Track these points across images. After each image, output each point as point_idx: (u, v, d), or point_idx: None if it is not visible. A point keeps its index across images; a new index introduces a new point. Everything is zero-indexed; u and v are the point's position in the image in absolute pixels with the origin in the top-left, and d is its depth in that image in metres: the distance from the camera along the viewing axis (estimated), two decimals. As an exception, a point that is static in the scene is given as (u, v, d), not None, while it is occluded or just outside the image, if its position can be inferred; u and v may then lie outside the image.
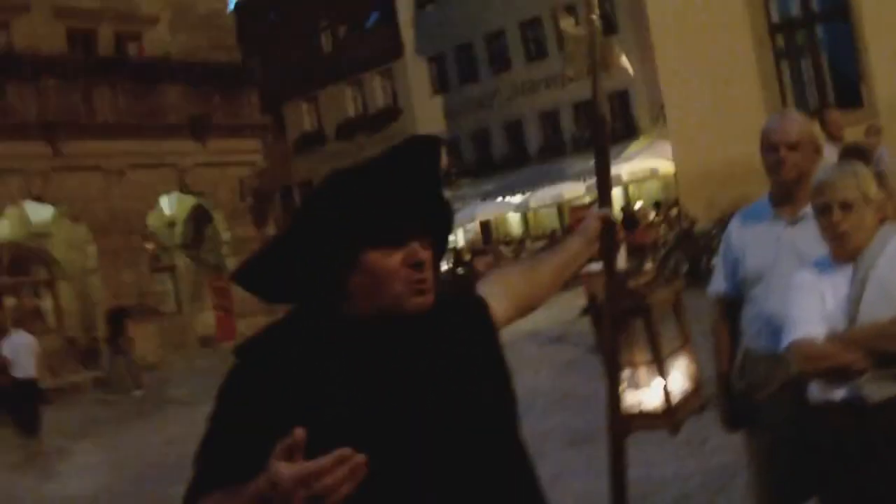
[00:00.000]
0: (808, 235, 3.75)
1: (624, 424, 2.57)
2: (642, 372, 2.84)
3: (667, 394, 2.79)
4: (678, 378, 2.89)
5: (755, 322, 3.97)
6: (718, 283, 4.21)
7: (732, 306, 4.14)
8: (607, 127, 2.77)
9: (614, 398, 2.55)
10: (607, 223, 2.60)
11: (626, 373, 2.87)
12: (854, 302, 3.25)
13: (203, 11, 31.96)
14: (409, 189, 2.04)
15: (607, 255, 2.61)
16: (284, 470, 1.66)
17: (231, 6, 33.86)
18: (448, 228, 2.21)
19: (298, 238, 2.02)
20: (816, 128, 4.04)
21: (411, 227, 2.02)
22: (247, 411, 1.94)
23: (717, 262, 4.31)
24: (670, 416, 2.78)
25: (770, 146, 3.90)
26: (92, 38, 29.88)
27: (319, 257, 1.99)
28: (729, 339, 4.17)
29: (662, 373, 2.82)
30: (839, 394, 3.23)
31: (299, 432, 1.66)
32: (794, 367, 3.38)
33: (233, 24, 33.59)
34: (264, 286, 2.11)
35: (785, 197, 3.94)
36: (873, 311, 3.20)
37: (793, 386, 3.67)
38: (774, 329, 3.74)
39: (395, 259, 1.99)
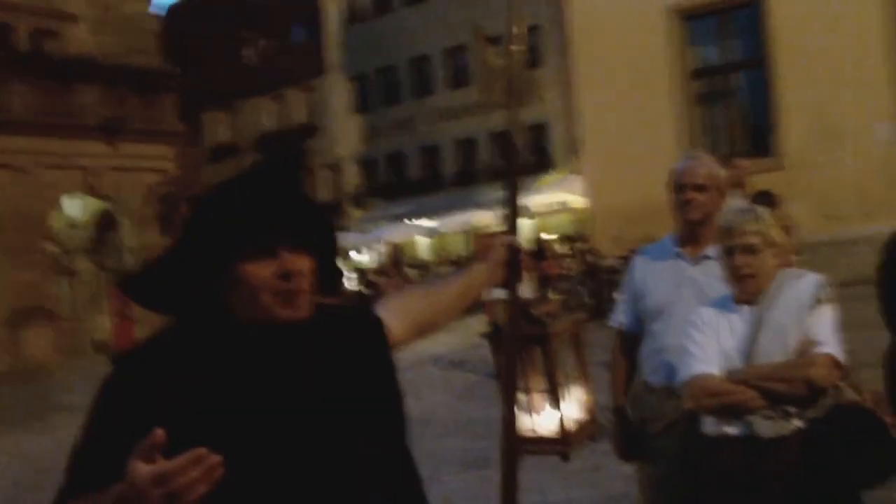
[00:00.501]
0: (709, 274, 3.87)
1: (517, 447, 2.56)
2: (538, 398, 2.87)
3: (561, 421, 2.80)
4: (573, 407, 2.90)
5: (653, 356, 4.05)
6: (619, 316, 4.27)
7: (631, 340, 4.21)
8: (519, 157, 2.82)
9: (509, 420, 2.56)
10: (513, 250, 2.61)
11: (522, 398, 2.88)
12: (750, 342, 3.36)
13: (126, 12, 31.47)
14: (273, 202, 2.05)
15: (511, 280, 2.61)
16: (141, 469, 1.67)
17: (164, 11, 33.37)
18: (330, 240, 2.21)
19: (180, 251, 2.06)
20: (723, 171, 4.10)
21: (282, 239, 2.04)
22: (116, 418, 1.93)
23: (620, 295, 4.38)
24: (563, 443, 2.80)
25: (679, 186, 4.00)
26: (9, 33, 29.20)
27: (197, 270, 2.02)
28: (626, 372, 4.23)
29: (557, 401, 2.84)
30: (732, 429, 3.33)
31: (159, 432, 1.67)
32: (690, 401, 3.44)
33: (155, 27, 33.13)
34: (151, 297, 2.12)
35: (690, 236, 4.04)
36: (768, 352, 3.32)
37: (685, 420, 3.73)
38: (672, 363, 3.83)
39: (266, 270, 2.01)
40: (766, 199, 7.29)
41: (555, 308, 3.10)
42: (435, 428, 10.17)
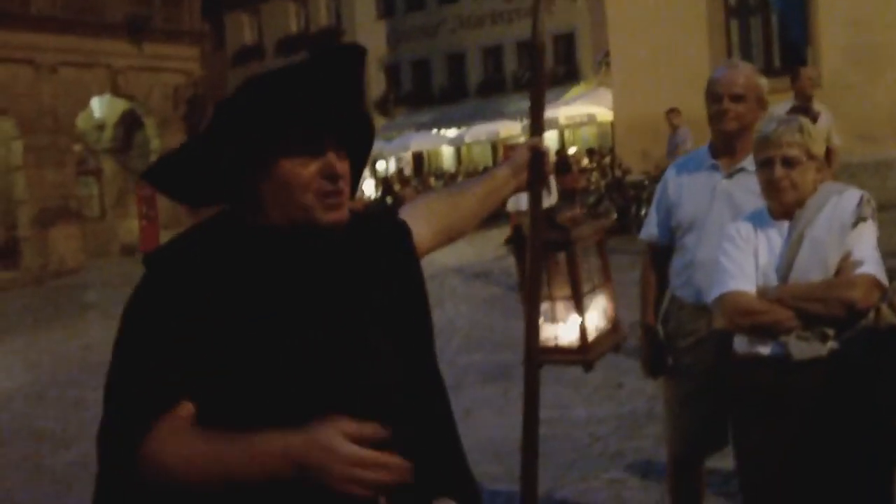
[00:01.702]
0: (744, 188, 3.80)
1: (538, 356, 2.52)
2: (560, 306, 2.81)
3: (583, 330, 2.77)
4: (595, 316, 2.86)
5: (684, 271, 4.00)
6: (650, 229, 4.21)
7: (662, 253, 4.15)
8: (543, 56, 2.69)
9: (532, 327, 2.52)
10: (537, 152, 2.54)
11: (544, 306, 2.84)
12: (787, 260, 3.26)
13: None
14: (329, 97, 1.95)
15: (535, 184, 2.55)
16: (344, 445, 1.69)
17: None
18: (368, 145, 2.14)
19: (211, 140, 1.94)
20: (763, 81, 3.99)
21: (329, 138, 1.94)
22: (165, 331, 1.84)
23: (651, 207, 4.30)
24: (585, 353, 2.76)
25: (714, 96, 3.89)
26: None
27: (230, 161, 1.92)
28: (656, 286, 4.19)
29: (580, 309, 2.78)
30: (765, 349, 3.26)
31: (380, 430, 1.71)
32: (723, 319, 3.38)
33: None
34: (175, 186, 2.04)
35: (725, 148, 3.94)
36: (806, 270, 3.23)
37: (715, 337, 3.69)
38: (702, 279, 3.79)
39: (309, 169, 1.92)
40: (804, 113, 7.16)
41: (579, 214, 3.02)
42: (457, 339, 10.24)
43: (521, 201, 2.60)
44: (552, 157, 16.32)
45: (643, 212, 15.73)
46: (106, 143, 31.30)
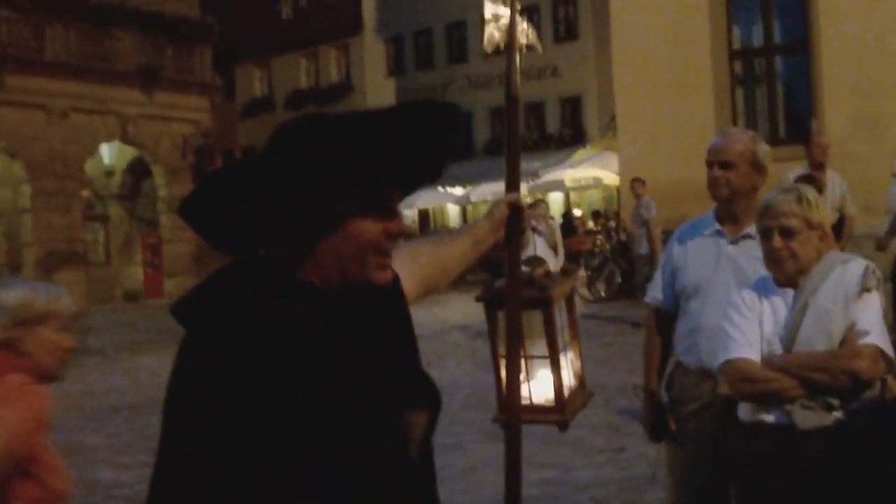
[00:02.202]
0: (749, 254, 3.79)
1: (518, 415, 2.52)
2: (535, 365, 2.77)
3: (559, 389, 2.75)
4: (567, 374, 2.84)
5: (688, 336, 3.99)
6: (655, 293, 4.20)
7: (667, 318, 4.14)
8: (518, 107, 2.69)
9: (514, 387, 2.51)
10: (515, 208, 2.52)
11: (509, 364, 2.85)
12: (792, 328, 3.26)
13: (166, -40, 31.49)
14: (422, 158, 1.89)
15: (511, 239, 2.53)
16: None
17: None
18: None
19: (270, 181, 1.75)
20: (762, 147, 3.95)
21: (398, 196, 1.88)
22: (253, 408, 1.67)
23: (657, 271, 4.30)
24: (561, 412, 2.74)
25: (708, 163, 3.92)
26: (49, -25, 29.24)
27: (294, 210, 1.76)
28: (660, 351, 4.19)
29: (556, 367, 2.75)
30: (769, 417, 3.27)
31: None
32: (728, 387, 3.39)
33: (194, -23, 33.09)
34: (212, 227, 1.86)
35: (728, 214, 3.95)
36: (810, 339, 3.23)
37: (719, 403, 3.71)
38: (707, 344, 3.78)
39: (379, 228, 1.83)
40: (810, 181, 7.22)
41: (551, 271, 3.04)
42: (460, 397, 10.22)
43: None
44: (559, 219, 16.38)
45: (647, 276, 15.81)
46: (114, 190, 31.46)
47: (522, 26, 2.78)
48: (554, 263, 14.38)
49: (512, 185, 2.59)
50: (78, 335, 13.81)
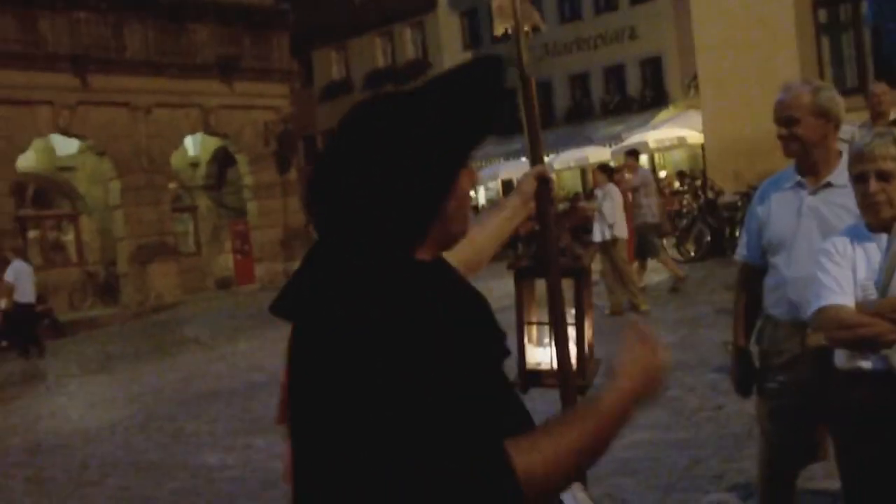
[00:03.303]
0: (831, 203, 3.79)
1: (576, 378, 2.61)
2: (548, 331, 2.81)
3: (581, 353, 2.82)
4: (587, 340, 2.89)
5: (776, 289, 3.98)
6: (742, 249, 4.23)
7: (755, 273, 4.14)
8: (532, 86, 2.75)
9: (564, 356, 2.58)
10: (542, 180, 2.60)
11: (535, 331, 2.89)
12: (887, 272, 3.18)
13: (237, -48, 31.80)
14: (495, 102, 1.91)
15: (543, 212, 2.60)
16: (658, 355, 1.84)
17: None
18: None
19: (387, 163, 1.74)
20: (825, 94, 3.88)
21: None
22: (444, 352, 1.67)
23: (743, 228, 4.32)
24: (583, 377, 2.79)
25: (776, 122, 3.93)
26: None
27: (417, 181, 1.75)
28: (747, 306, 4.19)
29: (581, 333, 2.83)
30: (866, 363, 3.21)
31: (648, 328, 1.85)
32: (823, 334, 3.34)
33: (267, -34, 33.36)
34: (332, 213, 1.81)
35: (807, 166, 3.91)
36: None
37: (810, 353, 3.71)
38: (794, 296, 3.78)
39: (468, 178, 1.86)
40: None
41: (570, 241, 3.10)
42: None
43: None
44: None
45: (737, 233, 15.54)
46: (200, 181, 32.02)
47: (526, 7, 2.88)
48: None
49: (535, 159, 2.71)
50: (174, 325, 14.28)
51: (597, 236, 13.48)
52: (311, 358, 1.72)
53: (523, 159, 37.44)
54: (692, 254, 18.56)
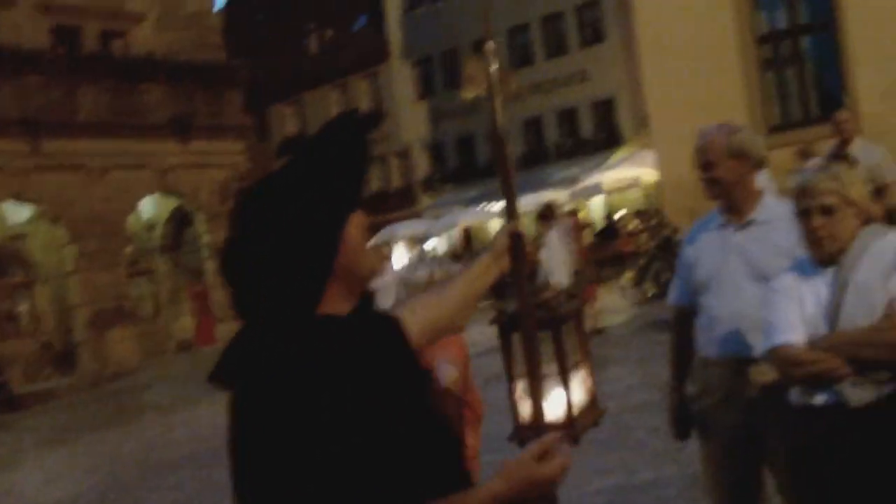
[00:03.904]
0: (755, 239, 3.89)
1: (532, 434, 2.59)
2: (548, 383, 2.89)
3: (569, 406, 2.89)
4: (578, 391, 2.98)
5: (707, 329, 4.03)
6: (673, 294, 4.30)
7: (687, 316, 4.18)
8: (507, 147, 2.81)
9: (537, 403, 2.59)
10: (515, 236, 2.63)
11: (527, 385, 2.95)
12: (834, 307, 3.26)
13: (189, 10, 31.86)
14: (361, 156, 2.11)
15: (516, 268, 2.63)
16: (542, 469, 1.90)
17: (220, 5, 33.74)
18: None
19: (274, 232, 1.95)
20: (740, 135, 4.00)
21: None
22: (330, 419, 1.81)
23: (675, 273, 4.37)
24: (572, 428, 2.88)
25: (696, 167, 4.03)
26: (77, 35, 29.68)
27: (304, 239, 1.94)
28: (680, 349, 4.23)
29: (566, 384, 2.90)
30: (820, 398, 3.24)
31: (555, 436, 1.92)
32: (776, 372, 3.40)
33: (219, 23, 33.48)
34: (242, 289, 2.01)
35: (730, 206, 4.00)
36: (854, 316, 3.21)
37: (743, 391, 3.79)
38: (724, 333, 3.88)
39: (361, 221, 2.05)
40: (840, 159, 7.09)
41: (559, 293, 3.18)
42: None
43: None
44: (601, 224, 16.36)
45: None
46: (156, 242, 31.76)
47: (505, 75, 2.89)
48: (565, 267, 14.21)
49: (510, 215, 2.72)
50: (133, 392, 14.05)
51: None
52: (229, 422, 1.90)
53: (480, 205, 37.75)
54: (652, 292, 18.59)
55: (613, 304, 14.99)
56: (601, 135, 37.35)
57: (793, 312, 3.31)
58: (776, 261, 3.73)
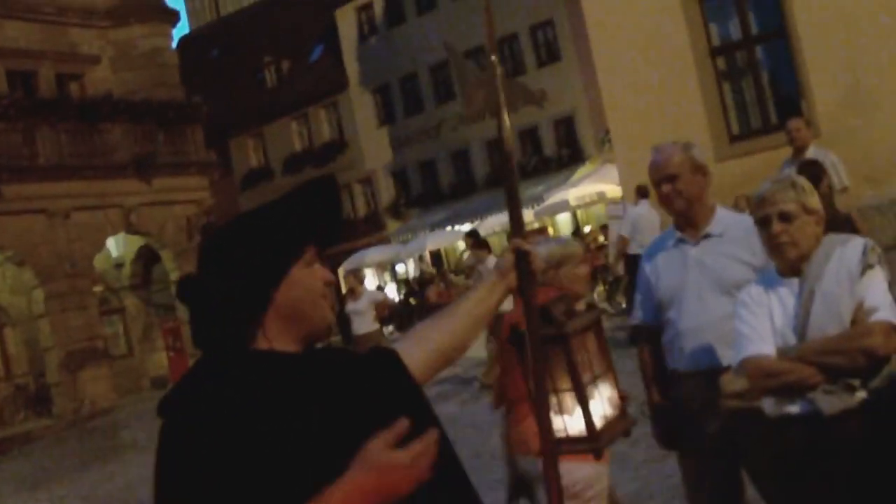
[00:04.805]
0: (713, 251, 3.95)
1: (554, 448, 2.57)
2: (565, 398, 2.88)
3: (589, 419, 2.84)
4: (600, 404, 2.92)
5: (674, 343, 4.07)
6: (637, 312, 4.33)
7: (654, 333, 4.22)
8: (513, 161, 2.82)
9: (545, 423, 2.56)
10: (520, 252, 2.57)
11: (551, 399, 2.91)
12: (802, 317, 3.28)
13: (145, 49, 31.75)
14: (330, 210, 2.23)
15: (523, 284, 2.57)
16: (397, 453, 1.86)
17: (174, 43, 33.66)
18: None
19: (213, 272, 2.07)
20: (693, 151, 4.11)
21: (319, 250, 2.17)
22: (217, 472, 1.86)
23: (636, 292, 4.40)
24: (594, 441, 2.84)
25: (655, 183, 4.08)
26: (33, 79, 29.53)
27: (236, 284, 2.02)
28: (653, 364, 4.25)
29: (583, 399, 2.85)
30: (794, 408, 3.26)
31: (404, 423, 1.87)
32: (748, 383, 3.41)
33: (175, 61, 33.38)
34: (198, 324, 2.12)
35: (686, 221, 4.06)
36: (822, 325, 3.24)
37: (714, 401, 3.77)
38: (690, 346, 3.93)
39: (316, 276, 2.12)
40: (812, 166, 7.21)
41: (573, 307, 3.10)
42: (494, 436, 10.14)
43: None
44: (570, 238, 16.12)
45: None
46: (125, 281, 31.58)
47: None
48: None
49: (516, 230, 2.68)
50: (110, 431, 14.00)
51: None
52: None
53: (448, 228, 37.79)
54: (623, 305, 18.72)
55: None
56: (564, 152, 37.52)
57: (762, 324, 3.34)
58: (735, 272, 3.82)
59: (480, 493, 2.22)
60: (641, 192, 15.03)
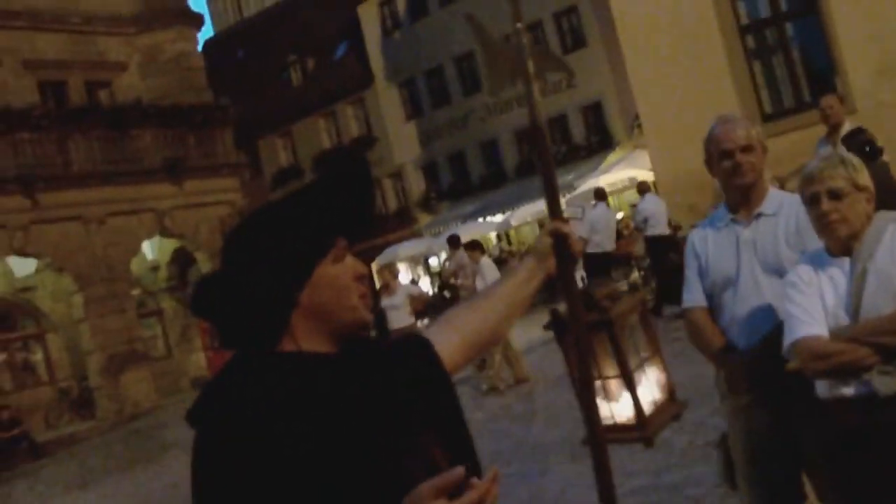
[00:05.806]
0: (765, 232, 3.81)
1: (602, 436, 2.49)
2: (612, 385, 2.79)
3: (638, 406, 2.76)
4: (649, 390, 2.84)
5: (728, 329, 3.91)
6: (693, 295, 4.09)
7: (710, 314, 4.04)
8: (546, 137, 2.70)
9: (592, 412, 2.48)
10: (559, 235, 2.48)
11: (596, 386, 2.81)
12: (855, 296, 3.19)
13: (172, 54, 31.98)
14: (361, 200, 2.07)
15: (562, 268, 2.49)
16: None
17: (199, 47, 33.83)
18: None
19: (245, 267, 1.92)
20: (759, 128, 3.98)
21: (351, 244, 2.03)
22: (259, 484, 1.78)
23: (686, 275, 4.20)
24: (643, 428, 2.77)
25: (723, 153, 3.88)
26: (63, 89, 29.84)
27: (261, 282, 1.89)
28: (714, 339, 3.95)
29: (631, 385, 2.77)
30: (849, 390, 3.18)
31: (460, 470, 1.66)
32: (800, 366, 3.29)
33: (202, 64, 33.56)
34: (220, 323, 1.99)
35: (741, 200, 3.93)
36: (875, 304, 3.15)
37: (774, 385, 3.61)
38: (748, 331, 3.76)
39: (349, 273, 1.98)
40: (860, 134, 7.07)
41: (616, 290, 3.04)
42: (540, 419, 10.16)
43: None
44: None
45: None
46: (162, 284, 31.85)
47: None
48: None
49: (553, 213, 2.59)
50: (153, 431, 14.12)
51: None
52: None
53: (479, 220, 37.74)
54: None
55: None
56: (593, 139, 37.39)
57: (813, 305, 3.24)
58: (789, 253, 3.70)
59: None
60: (599, 195, 15.14)
